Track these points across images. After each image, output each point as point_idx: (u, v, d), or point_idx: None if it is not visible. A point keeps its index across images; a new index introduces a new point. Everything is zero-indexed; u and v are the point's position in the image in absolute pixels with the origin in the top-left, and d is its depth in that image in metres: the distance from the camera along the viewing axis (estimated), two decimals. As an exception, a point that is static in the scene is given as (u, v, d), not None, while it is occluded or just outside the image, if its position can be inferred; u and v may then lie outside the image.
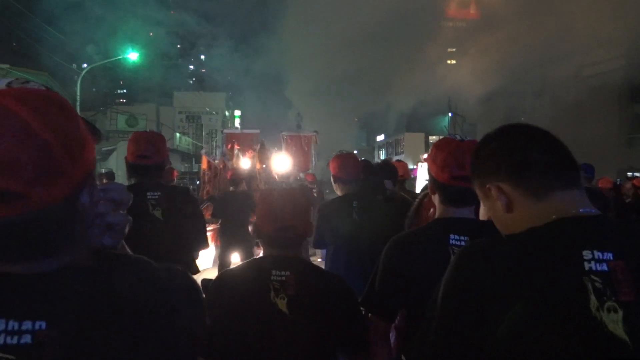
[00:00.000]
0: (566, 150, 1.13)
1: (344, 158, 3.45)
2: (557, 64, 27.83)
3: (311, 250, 7.05)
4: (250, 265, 1.84)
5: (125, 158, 2.97)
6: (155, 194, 2.87)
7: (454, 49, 46.46)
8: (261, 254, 1.88)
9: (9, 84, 0.77)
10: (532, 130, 1.17)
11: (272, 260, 1.76)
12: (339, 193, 3.46)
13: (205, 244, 3.25)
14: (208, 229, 5.53)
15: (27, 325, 0.74)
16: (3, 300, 0.76)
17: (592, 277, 0.94)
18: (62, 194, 0.76)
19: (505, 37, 32.61)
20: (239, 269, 1.86)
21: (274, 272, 1.70)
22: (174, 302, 0.87)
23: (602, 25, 25.02)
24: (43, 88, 0.80)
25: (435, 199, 1.93)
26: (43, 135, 0.73)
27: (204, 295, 1.23)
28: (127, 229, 0.96)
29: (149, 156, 2.90)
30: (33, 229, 0.75)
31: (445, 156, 1.85)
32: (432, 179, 1.91)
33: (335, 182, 3.46)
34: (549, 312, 0.93)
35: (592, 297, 0.92)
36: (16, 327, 0.74)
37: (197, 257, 3.29)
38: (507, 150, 1.15)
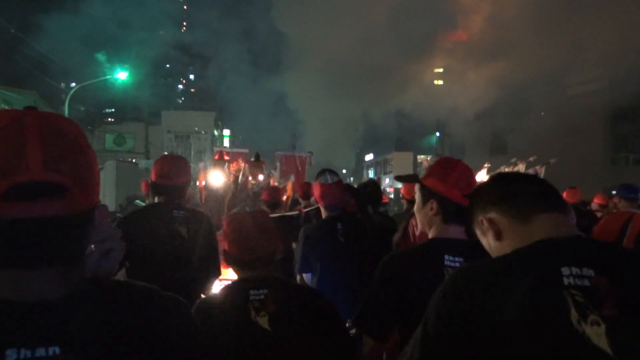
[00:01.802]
0: (548, 183, 1.26)
1: (326, 189, 3.36)
2: (542, 85, 28.34)
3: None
4: (228, 289, 1.85)
5: (150, 179, 3.12)
6: (181, 212, 2.99)
7: (440, 70, 47.16)
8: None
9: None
10: (516, 173, 1.32)
11: (249, 281, 1.78)
12: (323, 215, 3.46)
13: (218, 273, 3.22)
14: None
15: (40, 352, 0.75)
16: (11, 330, 0.76)
17: (572, 291, 0.98)
18: (91, 201, 0.85)
19: (492, 58, 33.19)
20: (217, 294, 1.87)
21: (252, 292, 1.72)
22: (177, 331, 0.91)
23: (585, 47, 25.58)
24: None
25: (435, 218, 1.92)
26: (85, 147, 0.85)
27: None
28: (120, 259, 0.99)
29: (171, 177, 3.02)
30: (63, 232, 0.80)
31: (458, 175, 1.89)
32: (441, 198, 1.89)
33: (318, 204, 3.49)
34: (530, 325, 0.97)
35: (573, 310, 0.96)
36: (29, 355, 0.74)
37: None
38: (494, 186, 1.30)
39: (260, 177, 8.73)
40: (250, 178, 7.76)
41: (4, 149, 0.76)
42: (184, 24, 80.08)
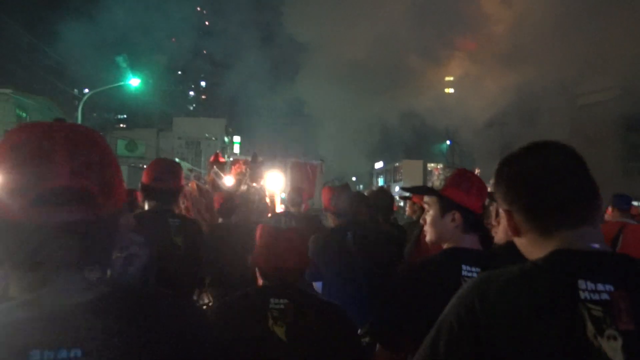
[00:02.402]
0: (586, 182, 1.13)
1: (335, 192, 3.40)
2: (553, 94, 28.18)
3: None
4: (249, 293, 1.84)
5: (141, 182, 2.98)
6: (176, 220, 2.90)
7: (451, 78, 47.06)
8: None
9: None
10: (555, 159, 1.15)
11: (271, 289, 1.78)
12: (330, 224, 3.43)
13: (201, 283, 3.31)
14: None
15: (62, 354, 0.78)
16: (36, 331, 0.79)
17: (589, 305, 0.98)
18: (114, 208, 0.89)
19: (502, 66, 33.09)
20: (238, 297, 1.87)
21: (272, 300, 1.72)
22: (197, 336, 0.93)
23: (597, 55, 25.43)
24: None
25: (455, 230, 1.91)
26: (109, 155, 0.90)
27: None
28: (142, 265, 1.02)
29: (164, 179, 2.92)
30: (91, 236, 0.84)
31: (480, 186, 1.92)
32: (464, 209, 1.90)
33: (326, 213, 3.45)
34: (544, 337, 0.97)
35: (589, 324, 0.96)
36: (52, 357, 0.77)
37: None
38: (524, 183, 1.15)
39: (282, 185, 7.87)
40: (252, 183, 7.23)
41: (34, 158, 0.80)
42: (197, 32, 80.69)
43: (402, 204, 16.57)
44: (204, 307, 3.01)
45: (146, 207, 3.00)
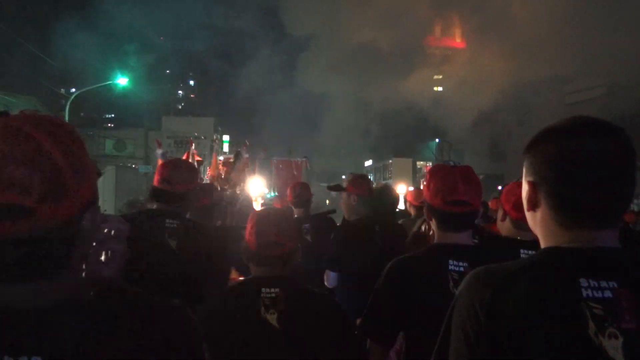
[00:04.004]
0: (626, 180, 1.04)
1: (360, 178, 3.47)
2: (542, 92, 28.44)
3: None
4: (240, 284, 1.88)
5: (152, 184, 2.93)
6: (174, 222, 2.76)
7: (440, 76, 47.27)
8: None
9: (21, 112, 0.85)
10: (603, 147, 1.03)
11: (262, 279, 1.80)
12: (348, 215, 3.41)
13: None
14: None
15: None
16: None
17: (590, 303, 0.97)
18: (68, 214, 0.80)
19: (491, 65, 33.29)
20: (229, 288, 1.90)
21: (264, 289, 1.74)
22: (171, 338, 0.88)
23: (585, 54, 25.69)
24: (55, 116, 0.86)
25: (433, 224, 1.97)
26: (54, 156, 0.78)
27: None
28: (123, 260, 0.97)
29: (172, 182, 2.82)
30: (38, 248, 0.78)
31: (437, 182, 1.90)
32: (427, 205, 1.95)
33: (357, 204, 3.39)
34: (546, 336, 0.96)
35: (591, 322, 0.95)
36: None
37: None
38: (560, 169, 1.05)
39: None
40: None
41: None
42: (185, 30, 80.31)
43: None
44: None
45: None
